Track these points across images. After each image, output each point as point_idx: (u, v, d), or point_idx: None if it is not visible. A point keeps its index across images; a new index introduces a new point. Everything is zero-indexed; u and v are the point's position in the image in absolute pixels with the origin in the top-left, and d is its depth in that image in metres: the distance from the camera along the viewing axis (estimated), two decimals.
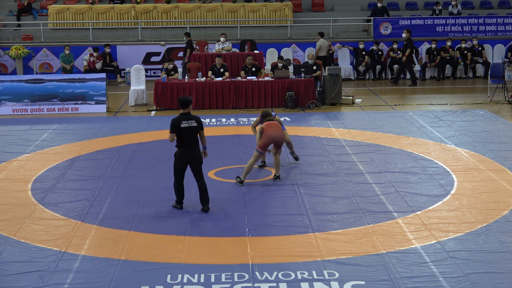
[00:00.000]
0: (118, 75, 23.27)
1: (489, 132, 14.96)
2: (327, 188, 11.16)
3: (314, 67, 19.24)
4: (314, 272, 7.82)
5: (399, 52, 23.71)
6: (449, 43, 23.61)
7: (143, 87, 19.52)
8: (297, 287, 7.48)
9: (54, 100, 18.57)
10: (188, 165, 9.98)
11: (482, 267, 7.93)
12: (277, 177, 11.61)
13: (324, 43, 22.64)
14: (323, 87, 18.89)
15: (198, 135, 10.01)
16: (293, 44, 24.42)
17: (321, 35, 22.73)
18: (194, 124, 9.88)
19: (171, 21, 25.57)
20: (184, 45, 22.61)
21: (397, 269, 7.88)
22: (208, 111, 18.10)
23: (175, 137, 9.85)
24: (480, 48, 23.80)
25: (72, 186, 11.45)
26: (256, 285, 7.53)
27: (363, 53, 23.63)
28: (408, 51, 22.14)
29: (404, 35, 22.33)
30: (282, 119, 16.65)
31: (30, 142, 14.59)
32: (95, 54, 22.56)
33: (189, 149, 9.87)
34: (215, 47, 21.41)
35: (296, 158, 12.75)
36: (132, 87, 19.44)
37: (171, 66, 19.67)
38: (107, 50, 23.06)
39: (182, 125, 9.78)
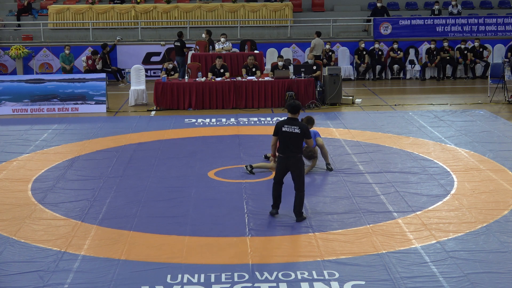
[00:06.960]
0: (123, 79, 23.00)
1: (489, 132, 14.95)
2: (327, 188, 11.17)
3: (314, 67, 19.24)
4: (314, 272, 7.81)
5: (399, 52, 23.73)
6: (445, 44, 23.58)
7: (143, 87, 19.52)
8: (297, 287, 7.48)
9: (54, 100, 18.56)
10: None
11: (482, 267, 7.92)
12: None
13: (319, 42, 22.65)
14: (323, 87, 18.89)
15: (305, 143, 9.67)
16: (293, 44, 24.42)
17: (318, 34, 22.78)
18: (297, 130, 9.49)
19: (171, 21, 25.56)
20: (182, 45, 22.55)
21: (397, 269, 7.88)
22: (208, 111, 18.10)
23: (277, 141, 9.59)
24: (481, 50, 23.75)
25: (72, 186, 11.44)
26: (256, 285, 7.52)
27: (364, 52, 23.62)
28: None
29: (203, 35, 21.87)
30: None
31: (30, 142, 14.58)
32: (93, 57, 22.47)
33: (287, 156, 9.48)
34: (215, 47, 21.40)
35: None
36: (132, 87, 19.43)
37: (171, 66, 19.68)
38: (106, 50, 22.93)
39: (283, 129, 9.53)
